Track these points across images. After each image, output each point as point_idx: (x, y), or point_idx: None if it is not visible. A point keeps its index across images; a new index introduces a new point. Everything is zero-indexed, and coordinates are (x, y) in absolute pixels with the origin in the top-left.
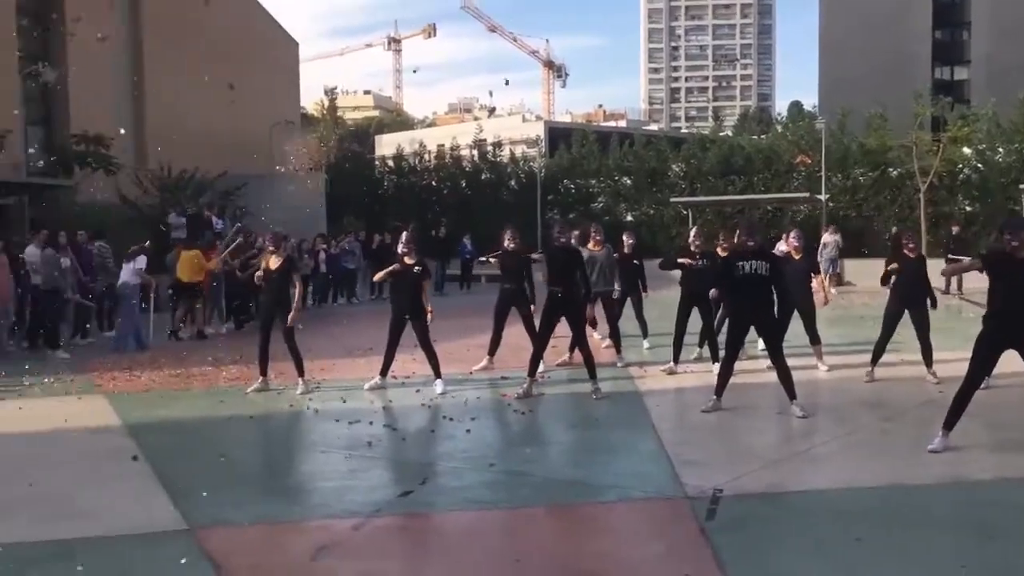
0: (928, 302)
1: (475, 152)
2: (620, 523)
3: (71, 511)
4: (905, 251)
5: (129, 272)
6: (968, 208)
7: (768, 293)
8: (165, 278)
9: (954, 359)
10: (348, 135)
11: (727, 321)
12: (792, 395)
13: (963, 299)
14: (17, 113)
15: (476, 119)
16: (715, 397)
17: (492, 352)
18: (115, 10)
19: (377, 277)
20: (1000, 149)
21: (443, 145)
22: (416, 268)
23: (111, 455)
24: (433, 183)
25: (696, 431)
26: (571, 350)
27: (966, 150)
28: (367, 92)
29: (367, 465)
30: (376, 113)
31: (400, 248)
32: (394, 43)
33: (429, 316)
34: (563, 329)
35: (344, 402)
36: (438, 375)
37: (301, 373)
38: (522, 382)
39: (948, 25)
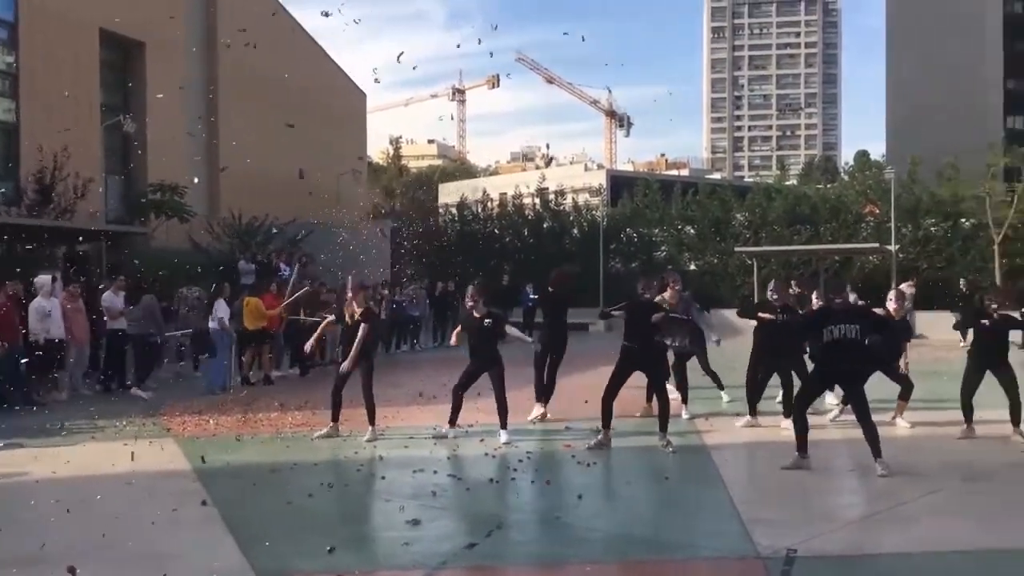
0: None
1: (537, 200)
2: None
3: (140, 557)
4: (988, 312)
5: (220, 315)
6: None
7: (860, 355)
8: (234, 324)
9: None
10: (412, 183)
11: (811, 375)
12: (878, 453)
13: None
14: (99, 163)
15: (538, 168)
16: (797, 454)
17: (539, 398)
18: (190, 63)
19: (453, 340)
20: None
21: (505, 193)
22: (486, 321)
23: (180, 499)
24: (496, 231)
25: (767, 488)
26: (648, 400)
27: None
28: (431, 141)
29: (433, 515)
30: (440, 162)
31: (468, 301)
32: (458, 93)
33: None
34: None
35: (407, 448)
36: (504, 425)
37: (372, 421)
38: (586, 434)
39: (1020, 74)
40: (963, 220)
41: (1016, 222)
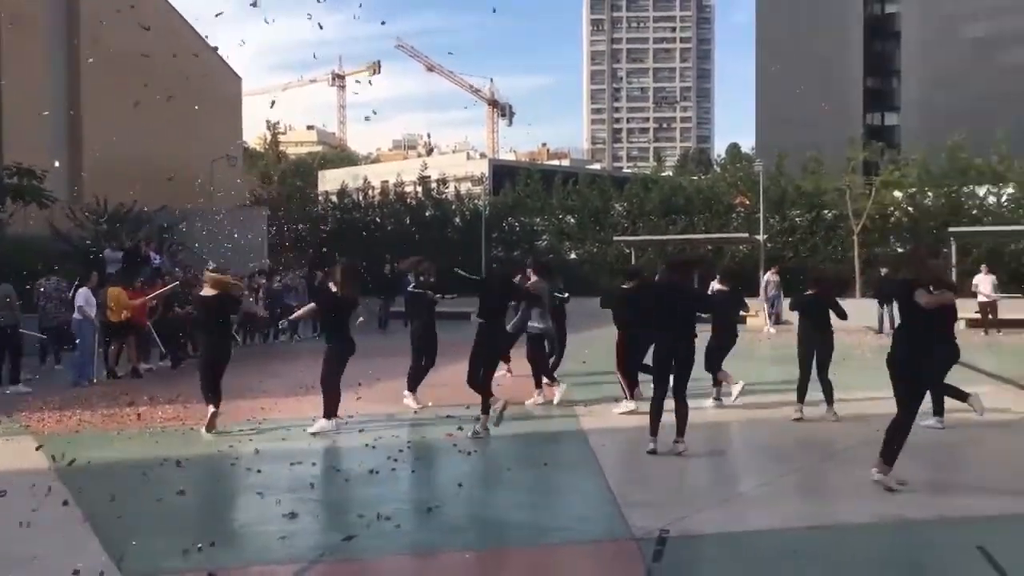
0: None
1: (419, 189)
2: (567, 566)
3: None
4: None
5: (80, 304)
6: (900, 249)
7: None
8: (99, 315)
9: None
10: (290, 170)
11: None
12: (681, 432)
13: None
14: None
15: (420, 156)
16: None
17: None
18: (50, 40)
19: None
20: (929, 193)
21: (387, 181)
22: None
23: (39, 500)
24: (377, 219)
25: (642, 471)
26: (537, 386)
27: (897, 194)
28: (310, 127)
29: (310, 508)
30: (319, 148)
31: (329, 281)
32: (338, 79)
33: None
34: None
35: (284, 441)
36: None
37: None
38: (466, 422)
39: (879, 73)
40: (826, 211)
41: (874, 213)
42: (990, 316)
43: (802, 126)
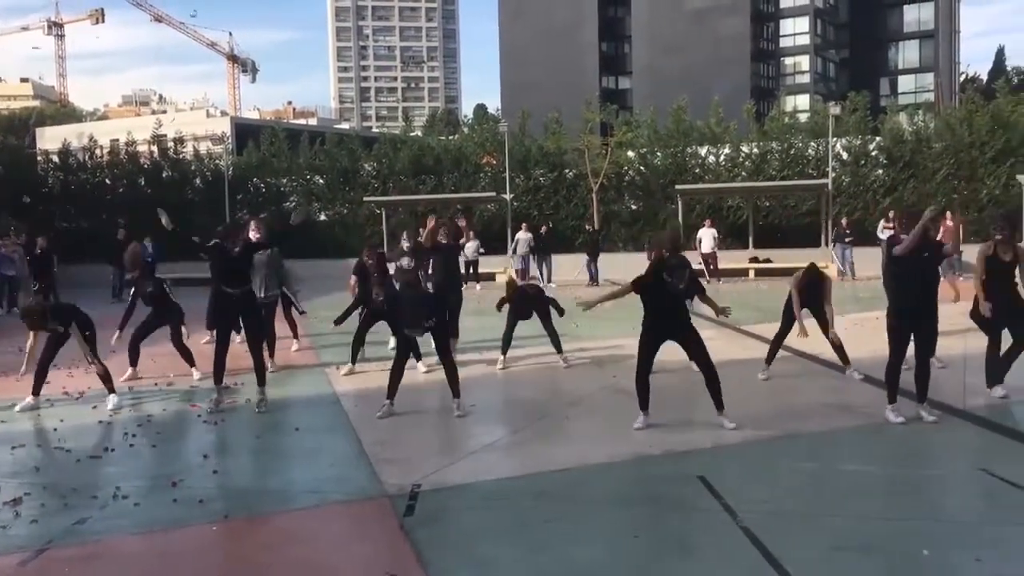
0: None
1: (155, 148)
2: (320, 529)
3: None
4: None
5: None
6: (633, 207)
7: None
8: None
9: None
10: (3, 126)
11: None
12: (456, 394)
13: None
14: None
15: (154, 112)
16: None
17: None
18: None
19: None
20: (659, 153)
21: (117, 140)
22: None
23: None
24: (107, 181)
25: (395, 430)
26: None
27: (630, 154)
28: (24, 80)
29: (37, 494)
30: (37, 103)
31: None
32: (55, 27)
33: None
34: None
35: (5, 423)
36: (111, 390)
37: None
38: (211, 393)
39: (613, 38)
40: (567, 171)
41: (610, 172)
42: (711, 267)
43: (544, 89)
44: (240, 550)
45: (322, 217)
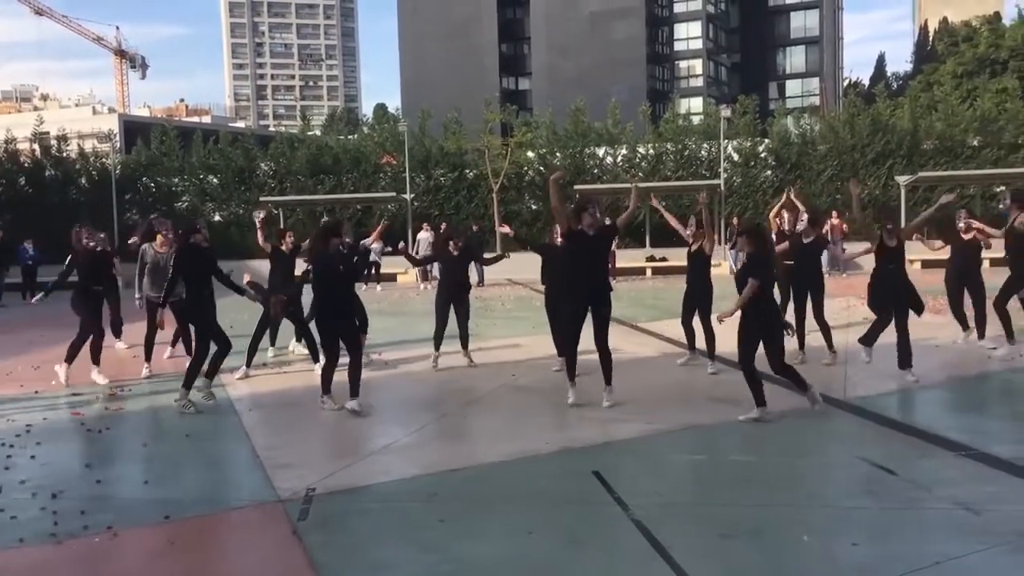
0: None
1: (36, 146)
2: (209, 537)
3: None
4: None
5: None
6: (534, 207)
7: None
8: None
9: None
10: None
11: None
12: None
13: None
14: None
15: (36, 109)
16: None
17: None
18: None
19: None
20: (558, 154)
21: None
22: None
23: None
24: None
25: (290, 433)
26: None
27: (530, 154)
28: None
29: None
30: None
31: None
32: None
33: None
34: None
35: None
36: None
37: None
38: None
39: (512, 39)
40: (467, 171)
41: (511, 172)
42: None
43: (444, 88)
44: (124, 562)
45: (216, 217)
